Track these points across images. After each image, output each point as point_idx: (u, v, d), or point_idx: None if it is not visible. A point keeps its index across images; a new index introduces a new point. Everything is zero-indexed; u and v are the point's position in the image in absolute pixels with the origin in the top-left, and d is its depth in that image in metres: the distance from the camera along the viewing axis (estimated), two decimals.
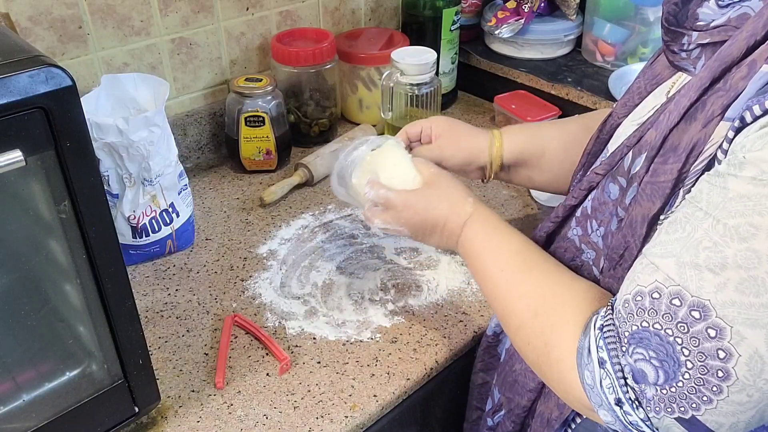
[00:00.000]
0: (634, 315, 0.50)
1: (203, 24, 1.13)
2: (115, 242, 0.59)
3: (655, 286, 0.49)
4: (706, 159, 0.50)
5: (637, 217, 0.55)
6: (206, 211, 1.09)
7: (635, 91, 0.67)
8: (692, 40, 0.57)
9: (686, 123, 0.51)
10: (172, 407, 0.76)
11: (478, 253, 0.71)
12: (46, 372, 0.65)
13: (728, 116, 0.48)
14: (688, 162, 0.51)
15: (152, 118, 0.86)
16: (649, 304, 0.49)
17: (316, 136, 1.25)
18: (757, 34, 0.48)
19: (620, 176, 0.58)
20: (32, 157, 0.51)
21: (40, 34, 0.97)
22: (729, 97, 0.48)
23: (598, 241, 0.62)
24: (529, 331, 0.61)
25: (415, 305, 0.90)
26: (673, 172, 0.52)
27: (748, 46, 0.48)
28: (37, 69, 0.48)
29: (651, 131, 0.55)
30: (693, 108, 0.51)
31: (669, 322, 0.48)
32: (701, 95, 0.51)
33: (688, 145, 0.51)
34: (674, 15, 0.59)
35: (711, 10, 0.56)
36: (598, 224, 0.61)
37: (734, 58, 0.49)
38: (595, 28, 1.35)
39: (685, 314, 0.47)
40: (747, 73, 0.47)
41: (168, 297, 0.91)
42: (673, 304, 0.48)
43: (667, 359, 0.48)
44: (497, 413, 0.77)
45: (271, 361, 0.82)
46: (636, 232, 0.55)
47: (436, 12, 1.29)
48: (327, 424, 0.74)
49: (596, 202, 0.62)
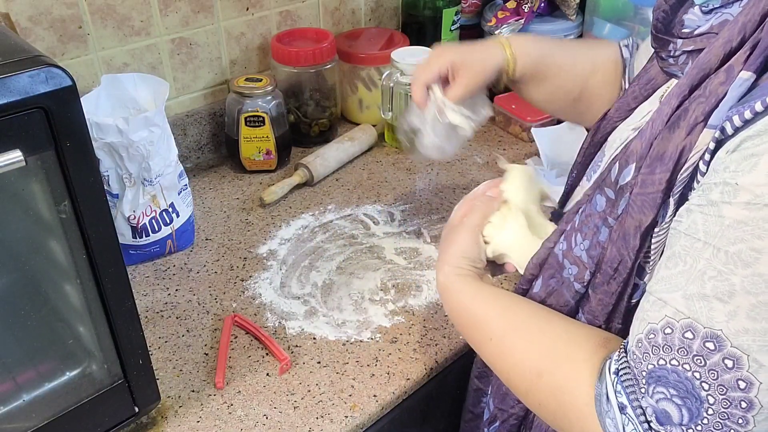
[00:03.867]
0: (650, 354, 0.49)
1: (203, 24, 1.13)
2: (115, 242, 0.59)
3: (666, 321, 0.48)
4: (691, 167, 0.49)
5: (629, 229, 0.54)
6: (206, 211, 1.09)
7: (630, 96, 0.67)
8: (678, 48, 0.58)
9: (670, 131, 0.51)
10: (172, 407, 0.76)
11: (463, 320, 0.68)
12: (46, 372, 0.65)
13: (711, 123, 0.48)
14: (675, 171, 0.50)
15: (152, 118, 0.86)
16: (663, 340, 0.48)
17: (316, 136, 1.25)
18: (733, 40, 0.48)
19: (607, 187, 0.58)
20: (32, 157, 0.51)
21: (40, 34, 0.97)
22: (710, 104, 0.48)
23: (582, 255, 0.60)
24: (539, 394, 0.59)
25: (415, 305, 0.90)
26: (662, 182, 0.51)
27: (725, 53, 0.49)
28: (37, 69, 0.48)
29: (636, 141, 0.55)
30: (675, 115, 0.51)
31: (685, 356, 0.47)
32: (681, 102, 0.51)
33: (674, 153, 0.50)
34: (663, 22, 0.59)
35: (696, 16, 0.57)
36: (582, 237, 0.60)
37: (712, 65, 0.49)
38: (595, 28, 1.35)
39: (699, 347, 0.46)
40: (725, 79, 0.48)
41: (168, 297, 0.91)
42: (686, 338, 0.47)
43: (689, 396, 0.47)
44: (492, 424, 0.76)
45: (271, 361, 0.82)
46: (629, 245, 0.55)
47: (436, 12, 1.29)
48: (327, 424, 0.74)
49: (583, 215, 0.61)
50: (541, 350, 0.60)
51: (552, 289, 0.64)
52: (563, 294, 0.63)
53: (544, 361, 0.59)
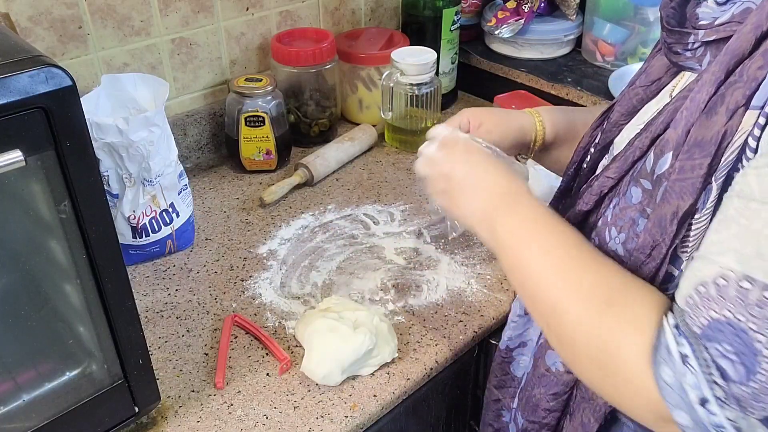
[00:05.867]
0: (699, 307, 0.48)
1: (203, 24, 1.13)
2: (115, 242, 0.59)
3: (719, 272, 0.47)
4: (736, 149, 0.49)
5: (666, 215, 0.54)
6: (206, 211, 1.09)
7: (634, 98, 0.67)
8: (698, 39, 0.58)
9: (707, 117, 0.51)
10: (172, 407, 0.76)
11: (527, 232, 0.63)
12: (46, 372, 0.65)
13: (754, 105, 0.48)
14: (717, 155, 0.50)
15: (152, 118, 0.86)
16: (716, 291, 0.47)
17: (316, 136, 1.25)
18: (763, 25, 0.49)
19: (643, 179, 0.58)
20: (32, 157, 0.51)
21: (40, 34, 0.97)
22: (750, 88, 0.49)
23: (618, 249, 0.60)
24: (591, 327, 0.55)
25: (415, 305, 0.90)
26: (703, 167, 0.51)
27: (756, 38, 0.49)
28: (37, 69, 0.48)
29: (671, 130, 0.55)
30: (711, 102, 0.51)
31: (740, 306, 0.45)
32: (718, 89, 0.51)
33: (715, 138, 0.50)
34: (674, 17, 0.60)
35: (710, 8, 0.58)
36: (618, 231, 0.60)
37: (744, 50, 0.50)
38: (595, 28, 1.35)
39: (758, 297, 0.44)
40: (763, 63, 0.48)
41: (168, 297, 0.91)
42: (742, 287, 0.45)
43: (745, 350, 0.45)
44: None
45: (271, 361, 0.82)
46: (666, 230, 0.54)
47: (436, 12, 1.29)
48: (327, 424, 0.74)
49: (617, 209, 0.60)
50: (611, 287, 0.57)
51: None
52: None
53: (610, 298, 0.56)
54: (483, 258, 0.98)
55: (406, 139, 1.24)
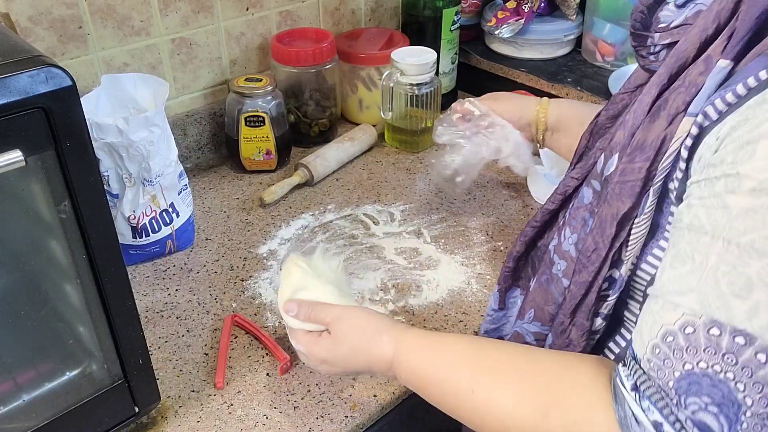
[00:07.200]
0: (672, 359, 0.46)
1: (203, 24, 1.13)
2: (115, 242, 0.59)
3: (684, 320, 0.45)
4: (672, 154, 0.49)
5: (606, 217, 0.54)
6: (206, 211, 1.09)
7: (619, 102, 0.68)
8: (656, 42, 0.59)
9: (651, 121, 0.52)
10: (172, 407, 0.76)
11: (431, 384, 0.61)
12: (46, 372, 0.65)
13: (691, 111, 0.48)
14: (656, 160, 0.50)
15: (152, 118, 0.86)
16: (685, 341, 0.45)
17: (316, 136, 1.25)
18: (708, 29, 0.49)
19: (594, 179, 0.58)
20: (32, 157, 0.51)
21: (40, 34, 0.97)
22: (690, 93, 0.49)
23: (570, 250, 0.60)
24: None
25: (415, 305, 0.90)
26: (642, 171, 0.51)
27: (701, 42, 0.50)
28: (37, 69, 0.48)
29: (620, 132, 0.56)
30: (655, 106, 0.52)
31: (714, 356, 0.43)
32: (661, 92, 0.52)
33: (654, 142, 0.51)
34: (641, 22, 0.61)
35: (670, 11, 0.58)
36: (571, 231, 0.60)
37: (689, 54, 0.50)
38: (595, 28, 1.35)
39: (729, 343, 0.43)
40: (705, 68, 0.48)
41: (168, 297, 0.91)
42: (712, 335, 0.43)
43: (725, 402, 0.43)
44: None
45: (271, 361, 0.82)
46: (605, 233, 0.54)
47: (436, 12, 1.29)
48: (327, 424, 0.74)
49: (572, 209, 0.61)
50: (538, 387, 0.54)
51: (543, 288, 0.63)
52: (552, 292, 0.63)
53: (546, 397, 0.53)
54: (483, 258, 0.98)
55: (406, 139, 1.24)
